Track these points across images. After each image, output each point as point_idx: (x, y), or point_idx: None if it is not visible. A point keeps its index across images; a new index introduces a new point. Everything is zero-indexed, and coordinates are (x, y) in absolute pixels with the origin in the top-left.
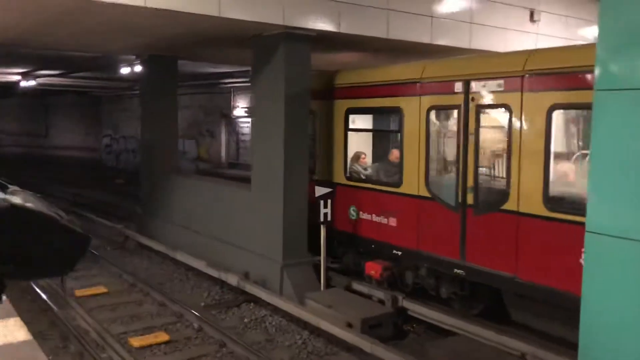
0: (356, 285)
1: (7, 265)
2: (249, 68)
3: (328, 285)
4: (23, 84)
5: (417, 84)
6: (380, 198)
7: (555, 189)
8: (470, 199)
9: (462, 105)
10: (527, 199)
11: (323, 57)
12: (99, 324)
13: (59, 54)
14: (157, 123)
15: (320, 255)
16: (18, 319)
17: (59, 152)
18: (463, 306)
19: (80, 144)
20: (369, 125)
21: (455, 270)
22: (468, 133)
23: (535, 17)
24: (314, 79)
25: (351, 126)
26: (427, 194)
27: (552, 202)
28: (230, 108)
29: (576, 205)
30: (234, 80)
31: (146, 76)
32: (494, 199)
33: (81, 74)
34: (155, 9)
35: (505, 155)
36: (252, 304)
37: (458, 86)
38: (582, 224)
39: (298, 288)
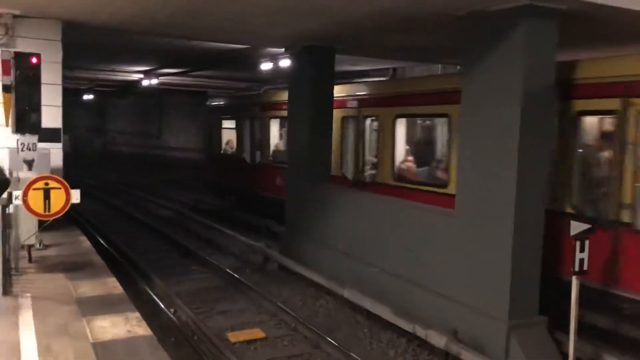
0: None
1: None
2: (388, 67)
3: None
4: (145, 82)
5: None
6: None
7: None
8: None
9: None
10: None
11: None
12: None
13: (190, 47)
14: (308, 126)
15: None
16: None
17: (171, 153)
18: None
19: (193, 145)
20: None
21: None
22: None
23: None
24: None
25: None
26: None
27: None
28: None
29: None
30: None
31: (297, 71)
32: None
33: (201, 73)
34: None
35: None
36: None
37: None
38: None
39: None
